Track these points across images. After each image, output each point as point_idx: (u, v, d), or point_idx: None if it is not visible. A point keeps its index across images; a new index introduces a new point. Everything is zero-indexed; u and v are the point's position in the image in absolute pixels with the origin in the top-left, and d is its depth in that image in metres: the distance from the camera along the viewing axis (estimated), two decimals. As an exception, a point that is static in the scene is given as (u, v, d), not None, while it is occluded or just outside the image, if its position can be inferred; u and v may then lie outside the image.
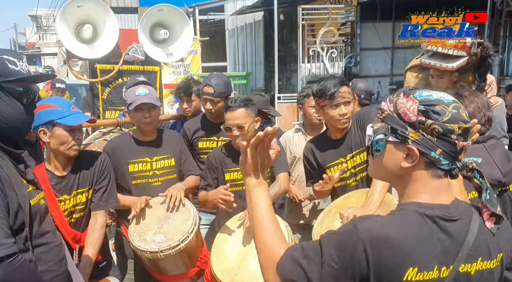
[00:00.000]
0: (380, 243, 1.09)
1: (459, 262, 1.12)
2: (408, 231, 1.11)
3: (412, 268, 1.09)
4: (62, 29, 3.95)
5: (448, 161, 1.13)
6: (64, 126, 2.17)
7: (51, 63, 26.57)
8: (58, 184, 2.27)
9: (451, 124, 1.11)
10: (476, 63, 3.29)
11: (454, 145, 1.12)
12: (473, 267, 1.14)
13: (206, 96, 2.99)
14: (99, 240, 2.32)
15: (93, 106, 4.32)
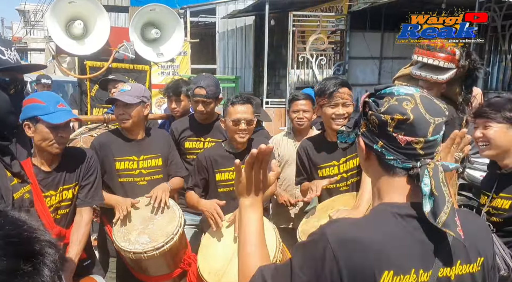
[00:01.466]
0: (349, 245, 1.02)
1: (438, 265, 1.05)
2: (380, 232, 1.05)
3: (388, 272, 1.01)
4: (52, 25, 3.91)
5: (394, 157, 1.07)
6: (47, 124, 2.10)
7: (38, 59, 26.24)
8: (44, 179, 2.22)
9: (385, 115, 1.06)
10: (464, 76, 3.35)
11: (394, 138, 1.06)
12: (452, 271, 1.07)
13: (198, 98, 2.98)
14: (84, 237, 2.28)
15: (81, 103, 4.29)
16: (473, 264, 1.09)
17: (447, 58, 3.18)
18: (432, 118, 1.06)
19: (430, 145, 1.07)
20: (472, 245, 1.10)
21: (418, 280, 1.03)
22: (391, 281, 1.01)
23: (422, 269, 1.04)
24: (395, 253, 1.02)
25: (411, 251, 1.04)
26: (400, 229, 1.05)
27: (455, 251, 1.07)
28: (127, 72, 4.22)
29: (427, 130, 1.05)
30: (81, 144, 3.26)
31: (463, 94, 3.41)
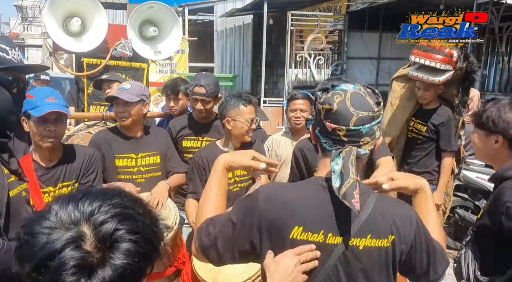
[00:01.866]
0: (272, 200, 1.25)
1: (350, 234, 1.23)
2: (301, 195, 1.27)
3: (298, 227, 1.22)
4: (49, 21, 3.89)
5: (325, 140, 1.30)
6: (33, 118, 2.12)
7: (35, 56, 26.14)
8: (43, 175, 2.23)
9: (320, 105, 1.30)
10: (461, 78, 3.37)
11: (324, 125, 1.29)
12: (361, 242, 1.24)
13: (197, 97, 2.98)
14: None
15: (78, 101, 4.27)
16: (383, 240, 1.25)
17: (444, 60, 3.20)
18: (355, 111, 1.25)
19: (353, 134, 1.26)
20: (386, 223, 1.26)
21: (325, 241, 1.22)
22: (299, 236, 1.22)
23: (332, 232, 1.23)
24: (309, 213, 1.23)
25: (325, 216, 1.23)
26: (319, 196, 1.26)
27: (368, 226, 1.24)
28: (124, 70, 4.21)
29: (349, 121, 1.25)
30: (78, 140, 3.25)
31: (460, 96, 3.43)
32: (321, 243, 1.22)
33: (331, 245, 1.23)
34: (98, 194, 0.85)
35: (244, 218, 1.27)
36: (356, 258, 1.24)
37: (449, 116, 3.44)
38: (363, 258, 1.25)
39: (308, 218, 1.23)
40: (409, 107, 3.59)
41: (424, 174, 3.56)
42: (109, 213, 0.80)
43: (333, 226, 1.23)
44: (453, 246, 5.00)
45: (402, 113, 3.60)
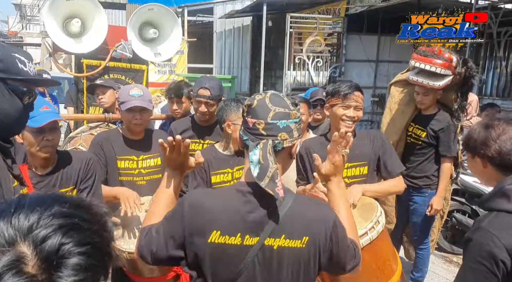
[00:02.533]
0: (195, 208, 1.34)
1: (265, 235, 1.30)
2: (220, 202, 1.35)
3: (216, 231, 1.30)
4: (49, 22, 3.90)
5: (247, 137, 1.38)
6: (29, 129, 2.07)
7: (34, 54, 26.05)
8: (39, 182, 2.21)
9: (243, 105, 1.43)
10: (460, 83, 3.38)
11: (246, 121, 1.40)
12: (276, 242, 1.31)
13: (201, 99, 2.98)
14: None
15: (77, 101, 4.28)
16: (297, 241, 1.31)
17: (444, 64, 3.21)
18: (273, 107, 1.37)
19: (271, 127, 1.36)
20: (301, 224, 1.33)
21: (243, 243, 1.30)
22: (217, 239, 1.29)
23: (249, 234, 1.30)
24: (226, 218, 1.31)
25: (241, 219, 1.31)
26: (236, 201, 1.34)
27: (282, 226, 1.31)
28: (124, 71, 4.22)
29: (267, 115, 1.36)
30: (81, 142, 3.25)
31: (459, 101, 3.44)
32: (238, 245, 1.30)
33: (248, 246, 1.31)
34: (33, 204, 0.72)
35: (172, 224, 1.37)
36: (271, 258, 1.31)
37: (448, 122, 3.45)
38: (278, 257, 1.31)
39: (225, 223, 1.31)
40: (408, 112, 3.59)
41: (422, 178, 3.58)
42: (51, 226, 0.69)
43: (250, 228, 1.31)
44: (449, 250, 5.02)
45: (401, 118, 3.61)
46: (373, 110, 11.16)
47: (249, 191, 1.35)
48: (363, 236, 1.96)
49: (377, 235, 2.00)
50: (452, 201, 4.44)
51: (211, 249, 1.30)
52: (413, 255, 3.93)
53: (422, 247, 3.78)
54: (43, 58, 11.87)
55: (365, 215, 2.08)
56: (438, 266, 4.77)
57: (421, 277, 3.86)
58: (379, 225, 2.03)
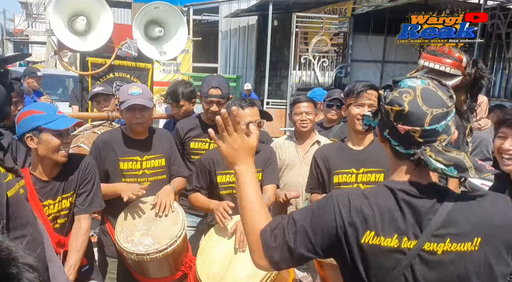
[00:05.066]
0: (346, 205, 1.22)
1: (424, 238, 1.15)
2: (372, 201, 1.21)
3: (369, 232, 1.18)
4: (55, 19, 3.88)
5: (398, 143, 1.21)
6: (52, 131, 2.09)
7: (39, 53, 26.20)
8: (42, 188, 2.19)
9: (388, 106, 1.20)
10: (469, 84, 3.33)
11: (395, 127, 1.19)
12: (439, 247, 1.16)
13: (213, 99, 2.94)
14: (83, 245, 2.24)
15: (82, 100, 4.26)
16: (466, 243, 1.15)
17: (454, 64, 3.15)
18: (429, 109, 1.16)
19: (428, 134, 1.17)
20: (469, 225, 1.16)
21: (401, 246, 1.16)
22: (372, 240, 1.18)
23: (407, 237, 1.16)
24: (380, 218, 1.18)
25: (396, 219, 1.17)
26: (390, 200, 1.20)
27: (446, 229, 1.15)
28: (129, 70, 4.19)
29: (424, 121, 1.16)
30: (83, 140, 3.23)
31: (468, 103, 3.38)
32: (395, 248, 1.17)
33: (404, 249, 1.17)
34: None
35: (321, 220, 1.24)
36: (433, 265, 1.16)
37: (457, 123, 3.39)
38: (443, 265, 1.16)
39: (380, 223, 1.18)
40: (416, 113, 3.55)
41: (430, 180, 3.53)
42: None
43: (407, 230, 1.17)
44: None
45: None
46: (379, 111, 11.12)
47: (406, 190, 1.20)
48: None
49: None
50: (459, 204, 4.38)
51: (364, 250, 1.19)
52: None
53: (429, 250, 3.73)
54: (48, 57, 11.89)
55: None
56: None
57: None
58: None
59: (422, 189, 1.18)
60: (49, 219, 2.20)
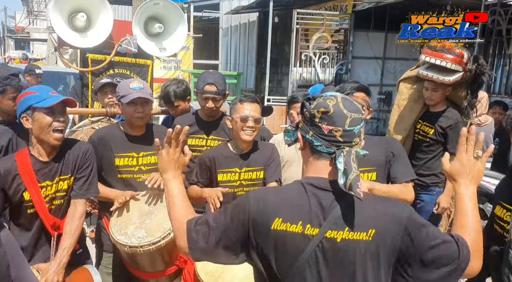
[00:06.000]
0: (259, 201, 1.38)
1: (326, 227, 1.32)
2: (284, 194, 1.41)
3: (278, 219, 1.34)
4: (55, 16, 3.88)
5: (320, 143, 1.37)
6: (43, 109, 2.14)
7: (40, 50, 26.19)
8: (41, 169, 2.23)
9: (313, 110, 1.38)
10: (470, 80, 3.33)
11: (319, 128, 1.36)
12: (339, 235, 1.32)
13: (208, 95, 2.92)
14: (78, 229, 2.28)
15: (82, 96, 4.26)
16: (362, 233, 1.31)
17: (455, 60, 3.16)
18: (349, 113, 1.36)
19: (348, 134, 1.36)
20: (365, 218, 1.32)
21: (304, 232, 1.33)
22: (279, 226, 1.34)
23: (310, 224, 1.33)
24: (289, 208, 1.35)
25: (303, 209, 1.34)
26: (300, 193, 1.37)
27: (346, 219, 1.32)
28: (129, 66, 4.19)
29: (345, 122, 1.35)
30: (82, 135, 3.24)
31: (469, 99, 3.39)
32: (299, 233, 1.33)
33: (308, 236, 1.33)
34: None
35: (236, 216, 1.41)
36: (334, 250, 1.32)
37: (457, 119, 3.40)
38: (342, 250, 1.32)
39: (288, 212, 1.35)
40: (416, 109, 3.55)
41: (430, 176, 3.53)
42: None
43: (312, 219, 1.33)
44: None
45: (409, 115, 3.56)
46: (380, 108, 11.09)
47: (315, 184, 1.37)
48: None
49: None
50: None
51: (274, 235, 1.35)
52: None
53: (428, 246, 3.73)
54: (49, 53, 11.88)
55: None
56: (445, 265, 4.71)
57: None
58: None
59: (330, 183, 1.35)
60: (46, 200, 2.24)
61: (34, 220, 2.26)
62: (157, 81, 7.31)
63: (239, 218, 1.40)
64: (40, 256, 2.28)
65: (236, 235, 1.40)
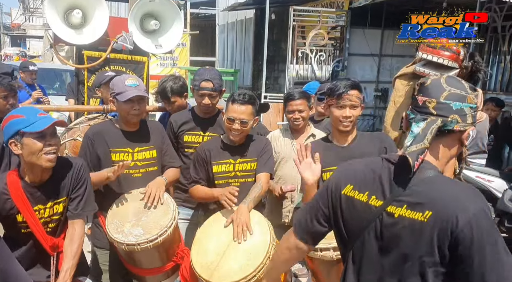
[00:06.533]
0: (342, 167, 1.58)
1: (389, 201, 1.36)
2: (363, 165, 1.51)
3: (350, 185, 1.46)
4: (50, 13, 3.87)
5: (414, 115, 1.40)
6: (32, 134, 2.00)
7: (37, 47, 26.08)
8: (33, 193, 2.13)
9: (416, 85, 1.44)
10: (466, 77, 3.34)
11: (416, 100, 1.40)
12: (397, 211, 1.34)
13: (205, 92, 2.92)
14: (78, 251, 2.21)
15: (78, 93, 4.25)
16: (417, 213, 1.30)
17: (452, 57, 3.17)
18: (448, 87, 1.34)
19: (443, 107, 1.33)
20: (426, 198, 1.31)
21: (368, 202, 1.41)
22: (349, 192, 1.46)
23: (375, 196, 1.40)
24: (361, 177, 1.46)
25: (373, 181, 1.43)
26: (377, 166, 1.45)
27: (408, 196, 1.33)
28: (125, 63, 4.19)
29: (440, 94, 1.34)
30: (79, 133, 3.24)
31: (464, 96, 3.40)
32: (364, 202, 1.42)
33: (372, 206, 1.40)
34: None
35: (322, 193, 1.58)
36: (392, 224, 1.35)
37: (453, 116, 3.42)
38: (398, 226, 1.34)
39: (360, 180, 1.45)
40: (412, 105, 3.56)
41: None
42: None
43: (378, 192, 1.39)
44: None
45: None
46: (376, 105, 11.10)
47: (392, 159, 1.42)
48: None
49: None
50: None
51: (343, 200, 1.47)
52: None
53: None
54: (44, 50, 11.83)
55: None
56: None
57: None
58: None
59: (404, 160, 1.34)
60: (40, 222, 2.15)
61: (30, 238, 2.17)
62: (154, 78, 7.28)
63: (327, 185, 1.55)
64: (36, 272, 2.20)
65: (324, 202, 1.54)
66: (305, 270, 4.10)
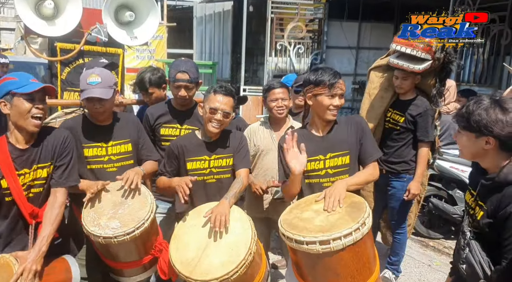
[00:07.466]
0: None
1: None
2: None
3: None
4: (21, 3, 3.75)
5: None
6: (23, 95, 2.13)
7: (8, 39, 25.34)
8: (19, 157, 2.20)
9: None
10: (438, 68, 3.40)
11: None
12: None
13: (180, 83, 2.89)
14: (57, 218, 2.26)
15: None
16: None
17: (424, 48, 3.23)
18: None
19: None
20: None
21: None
22: None
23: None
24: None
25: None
26: None
27: None
28: (99, 55, 4.10)
29: None
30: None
31: (437, 87, 3.46)
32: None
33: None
34: None
35: None
36: None
37: (426, 107, 3.48)
38: None
39: None
40: (386, 97, 3.61)
41: (401, 163, 3.61)
42: None
43: None
44: (426, 235, 5.11)
45: (380, 103, 3.62)
46: (354, 98, 11.21)
47: None
48: (347, 236, 1.90)
49: (362, 236, 1.94)
50: (428, 186, 4.50)
51: None
52: (390, 240, 3.98)
53: (399, 231, 3.82)
54: (15, 42, 11.52)
55: (353, 214, 2.02)
56: (415, 250, 4.85)
57: (398, 261, 3.92)
58: (364, 227, 1.96)
59: None
60: (23, 188, 2.22)
61: (12, 208, 2.22)
62: (130, 71, 7.20)
63: None
64: (16, 244, 2.25)
65: None
66: (284, 262, 4.13)
